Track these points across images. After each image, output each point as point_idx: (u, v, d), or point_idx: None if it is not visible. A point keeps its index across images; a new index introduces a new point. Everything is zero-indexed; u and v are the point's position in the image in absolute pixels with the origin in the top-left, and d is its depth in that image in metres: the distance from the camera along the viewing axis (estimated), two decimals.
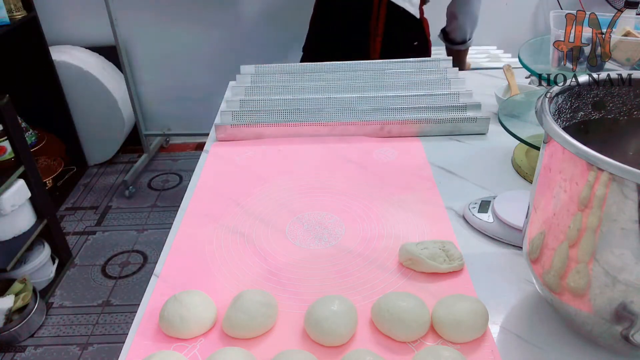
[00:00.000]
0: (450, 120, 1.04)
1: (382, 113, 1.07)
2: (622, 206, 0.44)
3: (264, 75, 1.25)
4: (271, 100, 1.13)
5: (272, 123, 1.07)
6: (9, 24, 1.98)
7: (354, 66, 1.24)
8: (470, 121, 1.04)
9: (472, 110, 1.06)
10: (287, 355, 0.57)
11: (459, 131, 1.06)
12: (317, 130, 1.07)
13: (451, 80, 1.16)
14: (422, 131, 1.06)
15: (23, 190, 1.69)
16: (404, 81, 1.17)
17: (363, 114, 1.07)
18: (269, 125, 1.07)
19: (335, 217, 0.83)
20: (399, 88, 1.16)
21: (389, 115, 1.06)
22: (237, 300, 0.63)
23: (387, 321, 0.60)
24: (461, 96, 1.10)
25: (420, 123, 1.05)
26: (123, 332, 1.67)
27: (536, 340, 0.60)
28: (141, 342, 0.62)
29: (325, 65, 1.25)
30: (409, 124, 1.05)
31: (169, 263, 0.75)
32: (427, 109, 1.07)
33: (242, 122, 1.07)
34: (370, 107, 1.08)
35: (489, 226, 0.77)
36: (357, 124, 1.06)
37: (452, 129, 1.05)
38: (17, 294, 1.65)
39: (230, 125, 1.07)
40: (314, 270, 0.73)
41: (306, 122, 1.07)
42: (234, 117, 1.09)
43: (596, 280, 0.49)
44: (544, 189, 0.54)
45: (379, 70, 1.22)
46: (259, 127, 1.07)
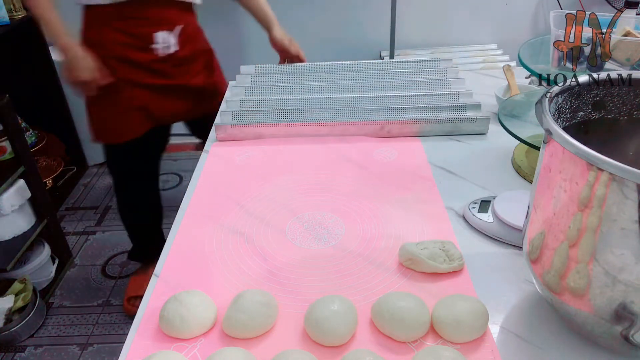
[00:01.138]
0: (450, 120, 1.04)
1: (382, 113, 1.07)
2: (622, 206, 0.44)
3: (264, 75, 1.26)
4: (271, 101, 1.13)
5: (272, 123, 1.07)
6: (9, 24, 1.98)
7: (354, 66, 1.24)
8: (470, 121, 1.04)
9: (472, 110, 1.06)
10: (287, 355, 0.57)
11: (459, 131, 1.05)
12: (318, 130, 1.07)
13: (451, 80, 1.16)
14: (422, 131, 1.06)
15: (23, 190, 1.69)
16: (404, 81, 1.17)
17: (363, 113, 1.07)
18: (269, 125, 1.07)
19: (335, 217, 0.83)
20: (399, 88, 1.16)
21: (389, 115, 1.06)
22: (237, 300, 0.63)
23: (387, 321, 0.60)
24: (461, 96, 1.10)
25: (420, 123, 1.05)
26: (123, 332, 1.67)
27: (536, 340, 0.60)
28: (141, 342, 0.62)
29: (325, 65, 1.25)
30: (409, 124, 1.05)
31: (169, 263, 0.75)
32: (427, 109, 1.07)
33: (242, 122, 1.08)
34: (371, 107, 1.08)
35: (489, 226, 0.77)
36: (357, 124, 1.06)
37: (452, 129, 1.05)
38: (17, 294, 1.65)
39: (230, 125, 1.07)
40: (314, 270, 0.73)
41: (306, 122, 1.07)
42: (234, 117, 1.09)
43: (596, 280, 0.49)
44: (544, 189, 0.54)
45: (379, 70, 1.22)
46: (259, 127, 1.07)
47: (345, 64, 1.25)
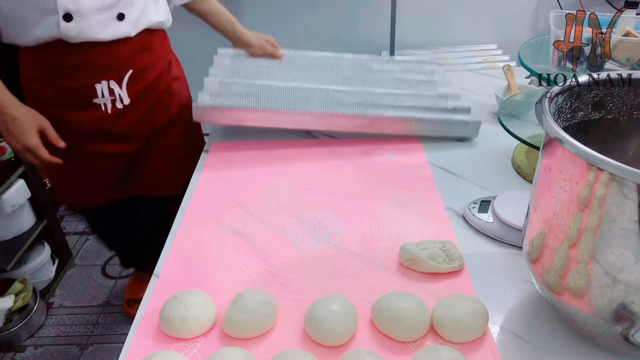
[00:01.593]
0: (441, 121, 1.02)
1: (373, 109, 1.03)
2: (622, 206, 0.44)
3: (244, 58, 1.18)
4: (253, 85, 1.05)
5: (254, 108, 1.00)
6: None
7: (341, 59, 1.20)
8: (461, 125, 1.02)
9: (462, 114, 1.04)
10: (287, 355, 0.57)
11: (448, 133, 1.03)
12: (304, 120, 1.00)
13: (438, 82, 1.13)
14: (411, 129, 1.02)
15: (23, 190, 1.69)
16: (394, 79, 1.14)
17: (352, 107, 1.03)
18: (251, 110, 0.99)
19: (335, 217, 0.83)
20: (388, 85, 1.12)
21: (380, 111, 1.03)
22: (237, 300, 0.63)
23: (387, 321, 0.60)
24: (450, 99, 1.07)
25: (411, 122, 1.02)
26: (123, 332, 1.67)
27: (536, 340, 0.60)
28: (141, 342, 0.62)
29: (309, 55, 1.20)
30: (400, 122, 1.01)
31: (169, 263, 0.75)
32: (416, 109, 1.04)
33: (222, 105, 0.99)
34: (360, 101, 1.04)
35: (489, 226, 0.77)
36: (346, 116, 1.00)
37: (442, 131, 1.03)
38: (17, 294, 1.65)
39: (209, 107, 0.98)
40: (314, 270, 0.73)
41: (292, 110, 1.00)
42: (213, 97, 1.00)
43: (596, 280, 0.49)
44: (544, 189, 0.54)
45: (369, 67, 1.18)
46: (241, 112, 0.99)
47: (333, 56, 1.20)
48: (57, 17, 0.91)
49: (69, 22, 0.92)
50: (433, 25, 2.37)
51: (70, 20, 0.92)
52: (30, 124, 0.98)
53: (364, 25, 2.35)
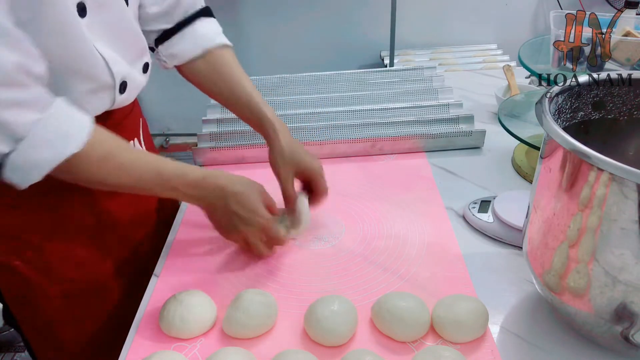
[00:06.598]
0: (445, 134, 0.99)
1: (372, 128, 1.00)
2: (622, 206, 0.44)
3: None
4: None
5: (253, 145, 0.98)
6: None
7: (335, 77, 1.16)
8: (465, 135, 0.99)
9: (465, 123, 1.01)
10: (287, 355, 0.57)
11: (454, 146, 1.00)
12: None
13: (439, 89, 1.10)
14: (415, 147, 1.00)
15: None
16: (391, 92, 1.10)
17: (351, 129, 1.00)
18: (250, 148, 0.98)
19: (335, 217, 0.83)
20: (386, 100, 1.09)
21: (380, 130, 1.00)
22: (237, 300, 0.63)
23: (387, 321, 0.60)
24: (452, 107, 1.04)
25: (414, 139, 0.99)
26: None
27: (536, 340, 0.60)
28: (141, 342, 0.62)
29: (302, 77, 1.16)
30: (403, 140, 0.99)
31: (169, 263, 0.75)
32: (418, 123, 1.01)
33: (222, 145, 0.99)
34: (358, 122, 1.00)
35: (489, 226, 0.77)
36: (346, 142, 0.99)
37: (447, 144, 1.00)
38: None
39: (210, 149, 0.98)
40: (314, 270, 0.73)
41: None
42: (213, 138, 1.00)
43: (596, 280, 0.49)
44: (544, 189, 0.54)
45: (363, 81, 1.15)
46: (241, 150, 0.98)
47: (324, 75, 1.16)
48: (113, 91, 0.70)
49: (123, 94, 0.73)
50: (433, 26, 2.38)
51: (124, 91, 0.73)
52: (254, 192, 0.73)
53: (364, 26, 2.35)
